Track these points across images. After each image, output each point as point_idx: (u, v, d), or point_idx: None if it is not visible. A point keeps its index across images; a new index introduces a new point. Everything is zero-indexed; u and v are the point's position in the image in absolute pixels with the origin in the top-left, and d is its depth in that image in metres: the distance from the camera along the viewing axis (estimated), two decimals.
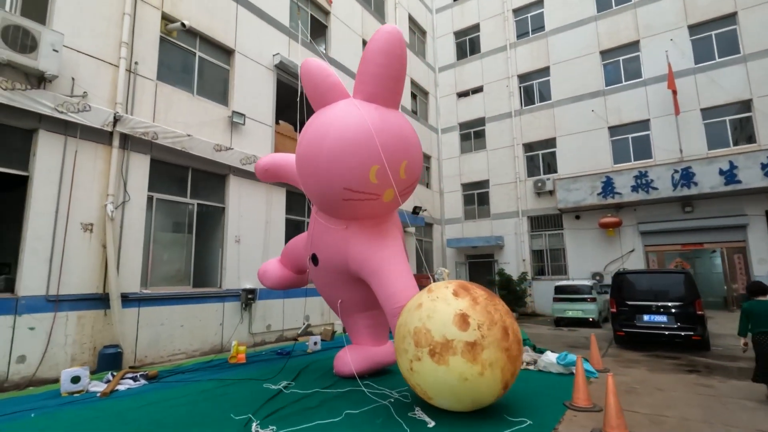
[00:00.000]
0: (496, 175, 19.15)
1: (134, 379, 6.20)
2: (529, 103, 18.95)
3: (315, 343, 8.92)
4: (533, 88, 18.89)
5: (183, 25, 8.77)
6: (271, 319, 10.39)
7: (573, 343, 9.92)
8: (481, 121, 20.15)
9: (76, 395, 5.56)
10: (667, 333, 8.59)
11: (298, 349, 8.91)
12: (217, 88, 9.95)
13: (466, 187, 20.31)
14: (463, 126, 20.86)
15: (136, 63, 8.11)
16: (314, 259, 6.34)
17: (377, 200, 5.41)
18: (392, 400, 5.10)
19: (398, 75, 5.41)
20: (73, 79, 7.12)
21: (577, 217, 16.65)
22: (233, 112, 9.86)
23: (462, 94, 21.04)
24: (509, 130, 19.01)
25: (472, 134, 20.55)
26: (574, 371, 6.23)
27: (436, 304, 4.43)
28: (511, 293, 15.89)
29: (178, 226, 8.93)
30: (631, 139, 16.06)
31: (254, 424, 4.21)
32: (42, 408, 5.00)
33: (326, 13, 14.01)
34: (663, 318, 8.71)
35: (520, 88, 19.21)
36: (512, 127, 18.90)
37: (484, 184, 19.68)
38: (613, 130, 16.47)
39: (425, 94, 20.77)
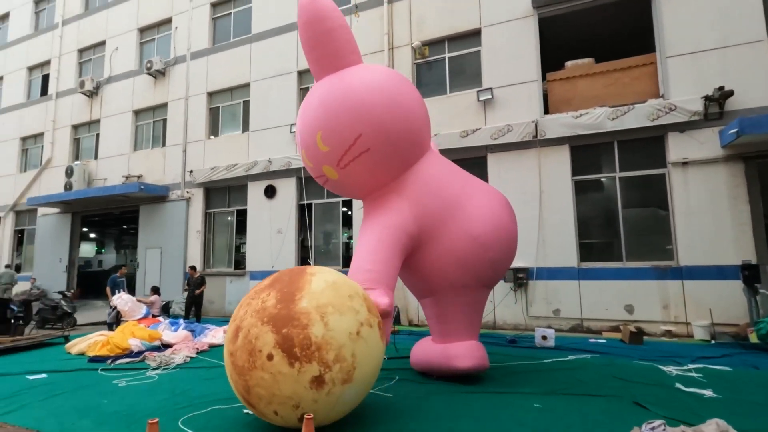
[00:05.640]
0: None
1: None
2: None
3: (544, 337, 7.07)
4: None
5: (413, 48, 10.37)
6: (560, 303, 8.77)
7: None
8: None
9: None
10: None
11: (525, 342, 7.48)
12: (469, 73, 10.28)
13: None
14: None
15: None
16: None
17: (328, 180, 5.05)
18: None
19: (316, 43, 4.84)
20: None
21: None
22: (477, 92, 9.78)
23: None
24: None
25: None
26: None
27: None
28: None
29: None
30: None
31: None
32: None
33: None
34: None
35: None
36: None
37: None
38: None
39: None
